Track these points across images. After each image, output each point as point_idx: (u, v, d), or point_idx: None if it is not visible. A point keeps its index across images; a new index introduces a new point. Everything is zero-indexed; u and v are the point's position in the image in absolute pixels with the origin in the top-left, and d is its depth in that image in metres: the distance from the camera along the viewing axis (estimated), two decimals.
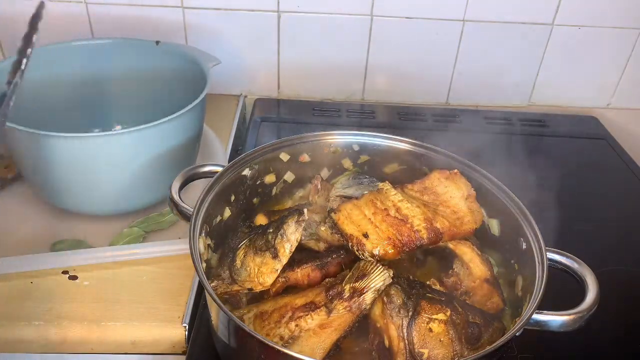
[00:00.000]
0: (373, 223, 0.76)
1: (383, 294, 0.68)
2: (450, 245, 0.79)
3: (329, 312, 0.68)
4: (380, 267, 0.69)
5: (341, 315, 0.68)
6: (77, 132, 0.85)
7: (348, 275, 0.71)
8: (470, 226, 0.80)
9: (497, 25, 1.33)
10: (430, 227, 0.76)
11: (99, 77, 1.13)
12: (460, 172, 0.85)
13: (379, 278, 0.68)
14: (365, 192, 0.83)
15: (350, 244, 0.75)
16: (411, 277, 0.73)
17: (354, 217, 0.76)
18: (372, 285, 0.68)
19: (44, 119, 0.98)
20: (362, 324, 0.70)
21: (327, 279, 0.74)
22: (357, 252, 0.74)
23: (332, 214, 0.78)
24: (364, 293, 0.68)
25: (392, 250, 0.74)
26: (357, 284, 0.69)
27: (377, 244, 0.74)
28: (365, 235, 0.74)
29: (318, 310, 0.68)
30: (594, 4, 1.31)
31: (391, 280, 0.68)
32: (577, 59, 1.39)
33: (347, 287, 0.69)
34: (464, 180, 0.84)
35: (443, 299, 0.69)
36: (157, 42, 1.12)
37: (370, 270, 0.69)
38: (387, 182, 0.82)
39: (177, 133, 0.94)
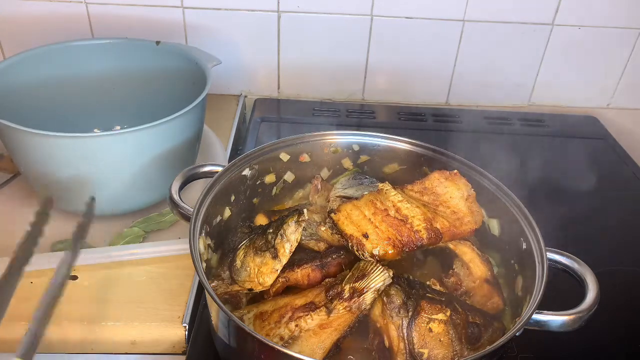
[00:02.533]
0: (373, 223, 0.76)
1: (383, 294, 0.68)
2: (450, 245, 0.79)
3: (329, 312, 0.68)
4: (380, 267, 0.69)
5: (341, 316, 0.68)
6: (77, 132, 0.85)
7: (348, 276, 0.71)
8: (470, 226, 0.80)
9: (497, 25, 1.33)
10: (430, 227, 0.76)
11: (99, 77, 1.13)
12: (460, 173, 0.84)
13: (379, 278, 0.68)
14: (365, 192, 0.83)
15: (350, 244, 0.75)
16: (411, 277, 0.73)
17: (353, 218, 0.76)
18: (372, 286, 0.68)
19: (44, 119, 0.98)
20: (362, 324, 0.70)
21: (327, 279, 0.74)
22: (357, 253, 0.74)
23: (332, 215, 0.78)
24: (363, 293, 0.68)
25: (392, 251, 0.74)
26: (357, 284, 0.69)
27: (377, 244, 0.74)
28: (365, 236, 0.74)
29: (318, 310, 0.68)
30: (594, 4, 1.31)
31: (391, 280, 0.68)
32: (577, 59, 1.39)
33: (347, 287, 0.69)
34: (464, 180, 0.84)
35: (443, 299, 0.69)
36: (157, 42, 1.12)
37: (370, 271, 0.69)
38: (387, 182, 0.81)
39: (177, 133, 0.94)
